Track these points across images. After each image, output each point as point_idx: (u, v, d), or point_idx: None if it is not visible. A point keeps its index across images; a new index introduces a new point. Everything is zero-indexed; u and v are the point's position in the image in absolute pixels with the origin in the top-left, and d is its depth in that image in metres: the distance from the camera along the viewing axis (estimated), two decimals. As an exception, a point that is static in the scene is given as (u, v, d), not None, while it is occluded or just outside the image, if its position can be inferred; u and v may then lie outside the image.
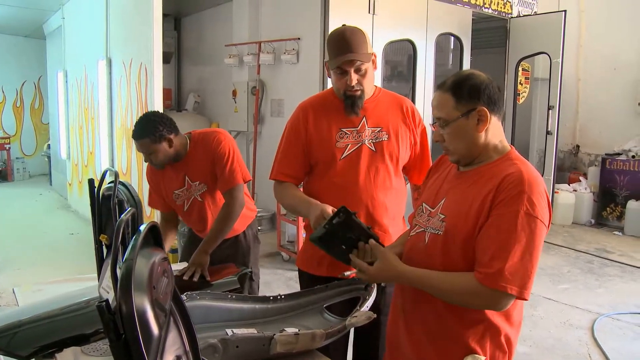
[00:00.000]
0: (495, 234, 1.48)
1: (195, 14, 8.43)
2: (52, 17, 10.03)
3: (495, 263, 1.45)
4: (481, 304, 1.53)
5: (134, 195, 1.60)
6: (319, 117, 2.24)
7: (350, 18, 5.93)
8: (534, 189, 1.48)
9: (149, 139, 2.66)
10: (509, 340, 1.62)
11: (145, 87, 5.70)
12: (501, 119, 1.62)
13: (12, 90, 12.24)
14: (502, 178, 1.51)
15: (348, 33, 2.12)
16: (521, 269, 1.44)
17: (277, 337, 1.69)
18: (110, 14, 6.89)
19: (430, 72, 6.82)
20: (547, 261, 6.03)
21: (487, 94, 1.56)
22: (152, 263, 1.16)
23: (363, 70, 2.13)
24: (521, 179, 1.49)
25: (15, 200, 9.49)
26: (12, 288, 2.60)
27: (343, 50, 2.09)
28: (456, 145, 1.61)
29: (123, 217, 1.20)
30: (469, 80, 1.57)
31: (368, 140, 2.20)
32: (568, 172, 8.56)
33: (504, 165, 1.56)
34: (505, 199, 1.48)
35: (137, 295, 1.03)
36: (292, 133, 2.27)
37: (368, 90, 2.20)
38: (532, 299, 4.81)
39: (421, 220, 1.71)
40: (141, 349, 1.00)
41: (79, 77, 8.59)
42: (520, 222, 1.45)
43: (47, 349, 1.67)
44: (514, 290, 1.44)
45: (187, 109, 8.35)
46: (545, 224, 1.49)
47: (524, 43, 7.68)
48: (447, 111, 1.58)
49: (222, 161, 2.75)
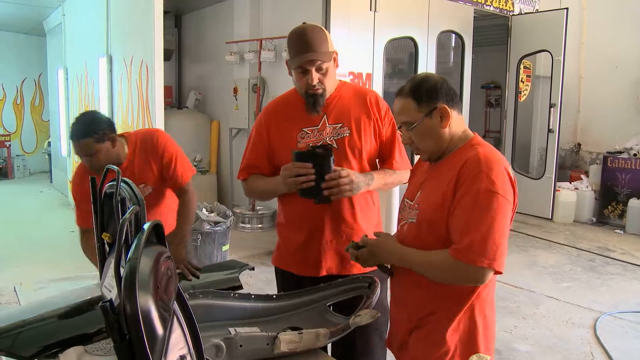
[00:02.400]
0: (461, 213, 1.58)
1: (196, 11, 8.42)
2: (53, 14, 10.01)
3: (464, 238, 1.55)
4: (457, 278, 1.61)
5: (137, 194, 1.58)
6: (280, 119, 2.25)
7: (352, 15, 5.95)
8: (492, 167, 1.57)
9: (92, 138, 2.46)
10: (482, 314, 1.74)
11: (146, 85, 5.68)
12: (460, 111, 1.74)
13: (13, 87, 12.21)
14: (463, 162, 1.61)
15: (309, 32, 2.12)
16: (489, 241, 1.53)
17: (281, 336, 1.68)
18: (110, 10, 6.87)
19: (432, 70, 6.81)
20: (549, 259, 6.03)
21: (444, 92, 1.67)
22: (156, 262, 1.15)
23: (324, 69, 2.12)
24: (478, 160, 1.59)
25: (15, 198, 9.48)
26: (13, 286, 2.59)
27: (303, 50, 2.09)
28: (425, 144, 1.72)
29: (126, 216, 1.18)
30: (426, 82, 1.69)
31: (329, 138, 2.20)
32: (569, 170, 8.55)
33: (466, 151, 1.66)
34: (467, 180, 1.58)
35: (141, 295, 1.02)
36: (256, 137, 2.30)
37: (329, 88, 2.20)
38: (533, 297, 4.81)
39: (404, 214, 1.82)
40: (146, 350, 0.99)
41: (80, 74, 8.57)
42: (482, 199, 1.54)
43: (50, 349, 1.65)
44: (484, 263, 1.52)
45: (188, 106, 8.33)
46: (509, 199, 1.57)
47: (525, 41, 7.67)
48: (410, 114, 1.69)
49: (171, 161, 2.68)
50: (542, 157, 7.94)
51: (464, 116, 5.60)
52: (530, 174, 8.18)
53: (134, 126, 6.10)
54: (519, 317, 4.41)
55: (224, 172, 7.86)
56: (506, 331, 4.13)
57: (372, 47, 6.17)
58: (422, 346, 1.74)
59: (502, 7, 7.63)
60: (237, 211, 6.78)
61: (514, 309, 4.57)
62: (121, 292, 1.00)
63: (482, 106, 9.01)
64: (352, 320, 1.81)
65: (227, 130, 7.52)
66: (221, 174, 7.94)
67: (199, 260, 4.83)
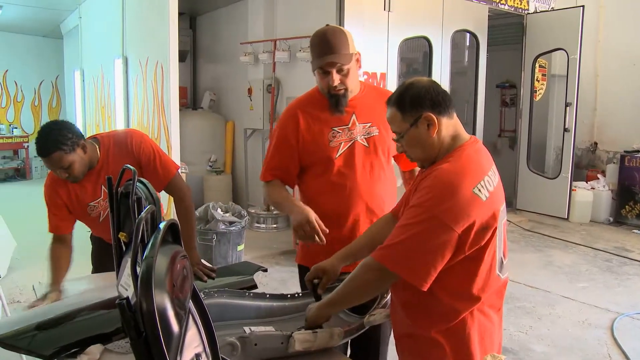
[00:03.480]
0: (401, 220, 1.60)
1: (211, 12, 8.45)
2: (69, 17, 10.12)
3: (388, 241, 1.57)
4: (368, 275, 1.62)
5: (153, 193, 1.60)
6: (309, 119, 2.26)
7: (366, 15, 5.94)
8: (442, 185, 1.54)
9: (61, 150, 2.32)
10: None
11: (161, 86, 5.72)
12: (452, 115, 1.66)
13: (31, 89, 12.36)
14: (426, 175, 1.62)
15: (329, 34, 2.15)
16: (403, 250, 1.54)
17: (296, 335, 1.69)
18: (126, 12, 6.93)
19: (446, 70, 6.79)
20: (565, 259, 5.98)
21: (429, 99, 1.61)
22: (172, 260, 1.16)
23: (345, 70, 2.15)
24: (435, 176, 1.57)
25: (33, 198, 9.55)
26: (31, 285, 2.62)
27: (324, 52, 2.12)
28: (415, 153, 1.69)
29: (143, 215, 1.20)
30: (409, 91, 1.63)
31: (360, 137, 2.24)
32: (586, 169, 8.46)
33: (439, 163, 1.63)
34: (417, 192, 1.60)
35: (157, 293, 1.03)
36: (282, 138, 2.30)
37: (352, 88, 2.22)
38: (549, 298, 4.78)
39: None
40: (162, 347, 1.00)
41: (96, 76, 8.66)
42: (415, 212, 1.54)
43: (70, 348, 1.67)
44: (391, 266, 1.54)
45: (202, 107, 8.37)
46: (444, 221, 1.50)
47: (540, 39, 7.61)
48: (397, 124, 1.66)
49: (151, 160, 2.55)
50: (558, 157, 7.86)
51: (479, 116, 5.52)
52: (546, 173, 8.11)
53: (149, 127, 6.15)
54: (534, 318, 4.38)
55: (239, 172, 7.89)
56: (522, 331, 4.11)
57: (386, 46, 6.16)
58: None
59: (517, 6, 7.58)
60: (252, 211, 6.80)
61: (530, 309, 4.54)
62: (137, 290, 1.02)
63: (497, 105, 8.94)
64: (366, 319, 1.82)
65: (242, 130, 7.55)
66: (236, 174, 7.97)
67: (214, 260, 4.86)
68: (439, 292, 1.59)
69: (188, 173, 6.40)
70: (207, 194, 7.41)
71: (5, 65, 11.89)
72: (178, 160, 5.55)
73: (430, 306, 1.63)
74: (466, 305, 1.61)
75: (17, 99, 12.23)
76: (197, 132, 7.62)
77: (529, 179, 7.91)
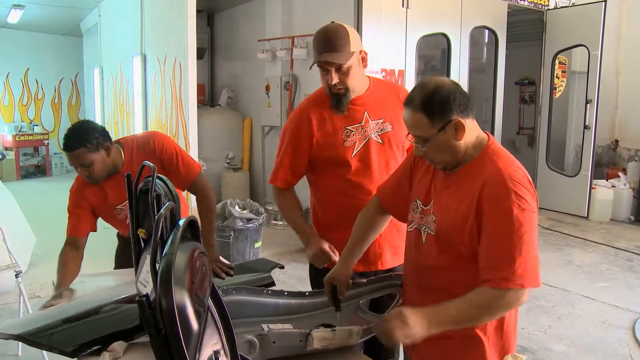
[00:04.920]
0: (496, 237, 1.52)
1: (228, 9, 8.47)
2: (89, 15, 10.22)
3: (505, 265, 1.50)
4: (504, 305, 1.55)
5: (172, 190, 1.60)
6: (321, 119, 2.23)
7: (384, 12, 5.91)
8: (516, 182, 1.53)
9: (85, 147, 2.37)
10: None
11: (179, 83, 5.75)
12: (473, 116, 1.64)
13: (51, 87, 12.50)
14: (484, 180, 1.56)
15: (329, 32, 2.12)
16: (529, 262, 1.50)
17: (314, 333, 1.68)
18: (145, 10, 6.97)
19: (465, 66, 6.73)
20: (584, 259, 5.90)
21: (458, 103, 1.57)
22: (191, 258, 1.16)
23: (345, 69, 2.12)
24: (503, 178, 1.54)
25: (53, 195, 9.67)
26: (51, 280, 2.64)
27: (322, 50, 2.10)
28: (441, 157, 1.64)
29: (162, 212, 1.20)
30: (437, 96, 1.57)
31: (374, 134, 2.22)
32: (606, 167, 8.35)
33: (484, 163, 1.61)
34: (494, 201, 1.53)
35: (176, 290, 1.03)
36: (293, 140, 2.27)
37: (354, 87, 2.18)
38: (569, 297, 4.72)
39: (415, 216, 1.77)
40: (181, 345, 1.00)
41: (115, 73, 8.73)
42: (516, 219, 1.50)
43: (92, 345, 1.68)
44: (530, 285, 1.50)
45: (220, 104, 8.40)
46: (535, 210, 1.54)
47: (561, 35, 7.52)
48: (423, 130, 1.60)
49: (174, 161, 2.58)
50: (578, 154, 7.77)
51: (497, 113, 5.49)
52: (566, 171, 8.01)
53: (167, 124, 6.18)
54: (553, 317, 4.33)
55: (257, 169, 7.90)
56: (540, 330, 4.07)
57: (404, 43, 6.12)
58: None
59: (536, 2, 7.49)
60: (269, 208, 6.81)
61: (549, 308, 4.49)
62: (157, 287, 1.02)
63: (516, 103, 8.86)
64: (384, 318, 1.80)
65: (260, 127, 7.56)
66: (253, 172, 7.99)
67: (231, 257, 4.87)
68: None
69: (206, 170, 6.43)
70: (225, 190, 7.43)
71: (27, 64, 12.04)
72: (196, 157, 5.58)
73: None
74: None
75: (38, 97, 12.38)
76: (214, 129, 7.64)
77: (548, 176, 7.82)
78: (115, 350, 1.68)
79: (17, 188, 7.85)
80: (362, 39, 5.72)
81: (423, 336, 1.51)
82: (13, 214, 5.42)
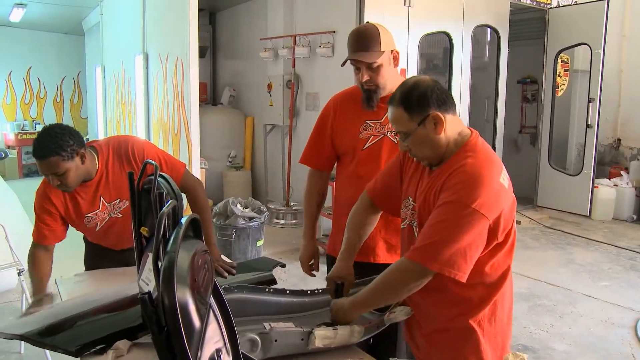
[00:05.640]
0: (432, 218, 1.61)
1: (230, 8, 8.47)
2: (91, 14, 10.22)
3: (420, 241, 1.60)
4: (403, 278, 1.64)
5: (174, 188, 1.60)
6: (346, 109, 2.37)
7: (386, 10, 5.90)
8: (476, 183, 1.56)
9: (59, 156, 2.18)
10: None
11: (182, 81, 5.74)
12: (455, 112, 1.68)
13: (53, 85, 12.51)
14: (450, 172, 1.62)
15: (361, 31, 2.24)
16: (443, 248, 1.54)
17: (316, 332, 1.69)
18: (146, 9, 6.97)
19: (467, 65, 6.72)
20: (586, 257, 5.90)
21: (435, 98, 1.63)
22: (193, 255, 1.17)
23: (375, 68, 2.19)
24: (464, 173, 1.59)
25: (55, 193, 9.69)
26: (53, 279, 2.64)
27: (353, 49, 2.21)
28: (423, 152, 1.69)
29: (165, 210, 1.20)
30: (415, 90, 1.64)
31: (390, 132, 2.27)
32: (609, 166, 8.33)
33: (457, 159, 1.65)
34: (446, 190, 1.60)
35: (179, 287, 1.03)
36: (321, 123, 2.45)
37: (385, 84, 2.24)
38: (571, 296, 4.72)
39: (407, 213, 1.82)
40: (183, 342, 1.01)
41: (117, 72, 8.73)
42: (454, 210, 1.55)
43: (96, 344, 1.69)
44: (431, 265, 1.56)
45: (222, 102, 8.40)
46: (488, 216, 1.55)
47: (563, 34, 7.50)
48: (403, 124, 1.67)
49: (158, 164, 2.48)
50: (580, 153, 7.75)
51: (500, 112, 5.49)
52: (568, 170, 8.00)
53: (169, 123, 6.18)
54: (555, 316, 4.33)
55: (259, 168, 7.91)
56: (542, 329, 4.06)
57: (406, 42, 6.11)
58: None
59: (539, 0, 7.48)
60: (271, 207, 6.81)
61: (551, 307, 4.49)
62: (159, 284, 1.02)
63: (518, 101, 8.83)
64: (386, 316, 1.81)
65: (262, 126, 7.56)
66: (255, 170, 8.00)
67: (233, 256, 4.87)
68: (473, 280, 1.62)
69: (208, 169, 6.43)
70: (227, 189, 7.44)
71: (29, 62, 12.04)
72: (198, 155, 5.58)
73: (468, 297, 1.69)
74: (497, 288, 1.70)
75: (40, 95, 12.39)
76: (216, 127, 7.64)
77: (550, 175, 7.81)
78: (119, 349, 1.68)
79: (19, 186, 7.84)
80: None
81: (355, 314, 1.77)
82: (15, 212, 5.43)
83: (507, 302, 1.76)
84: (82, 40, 12.00)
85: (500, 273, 1.69)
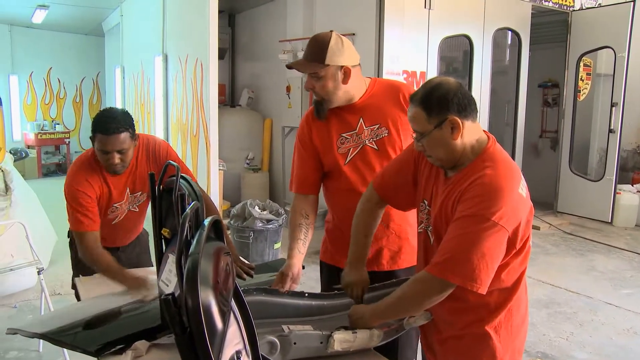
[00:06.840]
0: (451, 231, 1.58)
1: (250, 10, 8.50)
2: (111, 15, 10.33)
3: (440, 254, 1.57)
4: (423, 291, 1.62)
5: (196, 190, 1.60)
6: (318, 126, 2.26)
7: (406, 13, 5.88)
8: (495, 195, 1.53)
9: (128, 132, 2.25)
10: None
11: (201, 83, 5.77)
12: (476, 118, 1.65)
13: (72, 86, 12.67)
14: (468, 183, 1.59)
15: (313, 39, 2.13)
16: (464, 261, 1.52)
17: (335, 335, 1.68)
18: (166, 10, 7.02)
19: (487, 69, 6.68)
20: (608, 265, 5.81)
21: (456, 102, 1.59)
22: (216, 257, 1.16)
23: (319, 80, 2.11)
24: (483, 185, 1.56)
25: (74, 193, 9.79)
26: (72, 278, 2.66)
27: (303, 56, 2.14)
28: (436, 154, 1.67)
29: (188, 211, 1.19)
30: (436, 92, 1.61)
31: (369, 140, 2.19)
32: (631, 172, 8.21)
33: (476, 169, 1.62)
34: (465, 202, 1.57)
35: (202, 289, 1.03)
36: (301, 146, 2.31)
37: (330, 99, 2.16)
38: (592, 304, 4.65)
39: (423, 217, 1.81)
40: (206, 343, 1.00)
41: (136, 73, 8.81)
42: (474, 223, 1.52)
43: (115, 344, 1.69)
44: (451, 279, 1.54)
45: (240, 104, 8.42)
46: (507, 228, 1.53)
47: (586, 37, 7.41)
48: (420, 125, 1.64)
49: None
50: (602, 159, 7.65)
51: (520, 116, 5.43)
52: (589, 175, 7.90)
53: (188, 124, 6.21)
54: (575, 324, 4.26)
55: (277, 170, 7.91)
56: (562, 337, 4.00)
57: (426, 45, 6.09)
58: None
59: (561, 3, 7.40)
60: (289, 209, 6.80)
61: (571, 315, 4.43)
62: (183, 285, 1.01)
63: (538, 105, 8.75)
64: (406, 321, 1.78)
65: (280, 128, 7.57)
66: (273, 172, 8.00)
67: (251, 258, 4.87)
68: (490, 287, 1.60)
69: (226, 170, 6.45)
70: (245, 191, 7.45)
71: (49, 63, 12.21)
72: (216, 157, 5.60)
73: (485, 303, 1.68)
74: (512, 293, 1.69)
75: (60, 96, 12.55)
76: (235, 129, 7.66)
77: (571, 180, 7.72)
78: (138, 349, 1.68)
79: (38, 186, 7.94)
80: (383, 39, 5.72)
81: (372, 322, 1.75)
82: (35, 211, 5.49)
83: (522, 306, 1.75)
84: (102, 41, 12.14)
85: (515, 278, 1.68)
